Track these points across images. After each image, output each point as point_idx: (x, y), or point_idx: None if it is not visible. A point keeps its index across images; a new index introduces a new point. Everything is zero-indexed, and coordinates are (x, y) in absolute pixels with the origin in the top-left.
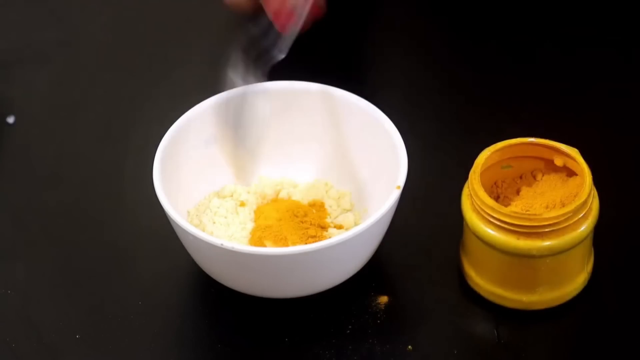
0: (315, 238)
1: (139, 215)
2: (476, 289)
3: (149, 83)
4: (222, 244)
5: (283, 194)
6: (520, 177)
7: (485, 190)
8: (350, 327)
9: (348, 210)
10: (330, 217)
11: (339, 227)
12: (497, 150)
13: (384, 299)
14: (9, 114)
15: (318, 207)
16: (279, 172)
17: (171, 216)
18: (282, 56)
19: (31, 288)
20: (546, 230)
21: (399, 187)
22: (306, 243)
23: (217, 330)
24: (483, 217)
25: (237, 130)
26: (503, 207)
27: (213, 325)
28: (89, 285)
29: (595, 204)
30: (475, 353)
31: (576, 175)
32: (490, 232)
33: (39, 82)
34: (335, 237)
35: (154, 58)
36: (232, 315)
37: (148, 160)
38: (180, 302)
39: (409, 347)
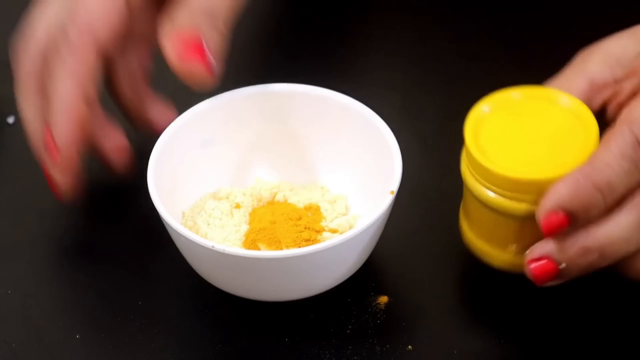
0: (308, 242)
1: (139, 215)
2: (470, 245)
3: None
4: (212, 247)
5: (279, 197)
6: None
7: None
8: (350, 327)
9: (343, 215)
10: (325, 221)
11: (334, 231)
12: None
13: (384, 299)
14: (9, 114)
15: (314, 210)
16: (276, 175)
17: (163, 217)
18: None
19: (31, 288)
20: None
21: (392, 192)
22: (299, 247)
23: (217, 330)
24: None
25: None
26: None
27: (213, 325)
28: (89, 285)
29: None
30: (476, 353)
31: None
32: (489, 194)
33: None
34: (326, 241)
35: (153, 58)
36: (232, 315)
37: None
38: (180, 302)
39: (409, 347)
